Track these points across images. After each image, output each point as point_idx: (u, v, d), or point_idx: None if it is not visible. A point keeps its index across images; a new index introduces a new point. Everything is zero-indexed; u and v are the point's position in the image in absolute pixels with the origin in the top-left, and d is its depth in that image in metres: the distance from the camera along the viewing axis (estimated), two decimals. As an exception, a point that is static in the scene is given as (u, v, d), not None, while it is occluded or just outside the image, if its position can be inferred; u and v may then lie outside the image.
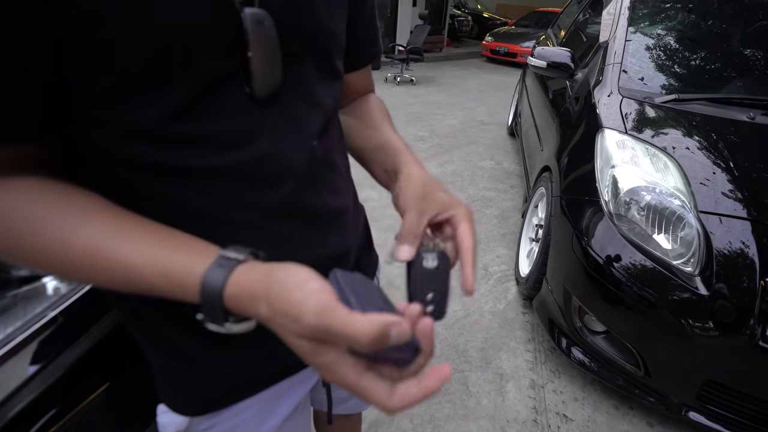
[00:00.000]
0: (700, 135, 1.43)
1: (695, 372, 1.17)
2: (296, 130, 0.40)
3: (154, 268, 0.31)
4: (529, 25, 9.26)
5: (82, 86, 0.31)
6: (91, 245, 0.31)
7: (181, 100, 0.33)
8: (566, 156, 1.70)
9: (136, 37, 0.30)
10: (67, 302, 0.49)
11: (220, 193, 0.37)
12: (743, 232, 1.15)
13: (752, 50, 1.85)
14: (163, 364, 0.46)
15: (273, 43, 0.35)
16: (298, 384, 0.53)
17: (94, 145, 0.34)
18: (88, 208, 0.33)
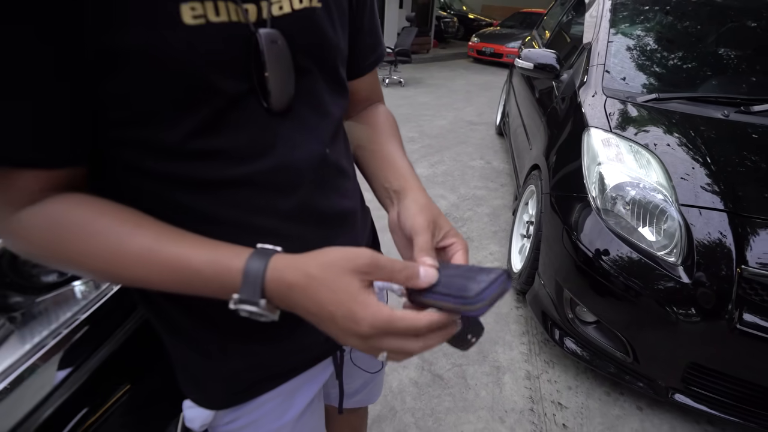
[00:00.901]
0: (679, 132, 1.51)
1: (680, 356, 1.24)
2: (309, 140, 0.44)
3: (203, 257, 0.35)
4: (514, 26, 9.40)
5: (113, 111, 0.34)
6: (145, 244, 0.35)
7: (204, 118, 0.36)
8: (554, 154, 1.76)
9: (165, 69, 0.33)
10: (94, 306, 0.52)
11: (240, 200, 0.40)
12: (721, 223, 1.23)
13: (725, 50, 1.94)
14: (189, 361, 0.49)
15: (286, 60, 0.39)
16: (314, 378, 0.57)
17: (116, 160, 0.37)
18: (129, 215, 0.36)
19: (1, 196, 0.33)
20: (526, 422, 1.41)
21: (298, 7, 0.40)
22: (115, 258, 0.34)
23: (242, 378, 0.49)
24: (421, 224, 0.42)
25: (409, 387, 1.52)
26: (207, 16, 0.33)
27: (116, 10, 0.30)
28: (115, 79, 0.32)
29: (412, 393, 1.50)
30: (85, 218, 0.35)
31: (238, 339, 0.47)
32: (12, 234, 0.35)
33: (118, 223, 0.35)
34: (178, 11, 0.32)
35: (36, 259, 0.37)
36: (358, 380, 0.73)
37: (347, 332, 0.33)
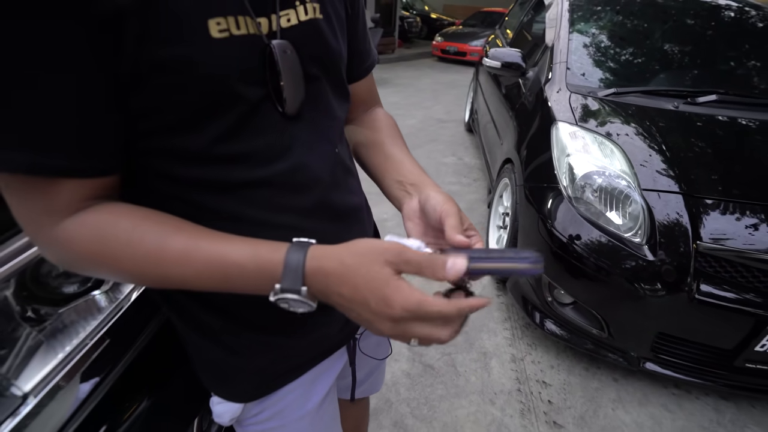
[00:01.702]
0: (636, 123, 1.64)
1: (649, 328, 1.36)
2: (321, 141, 0.47)
3: (243, 252, 0.37)
4: (476, 25, 9.64)
5: (146, 121, 0.36)
6: (185, 244, 0.37)
7: (228, 124, 0.39)
8: (525, 148, 1.86)
9: (196, 79, 0.36)
10: (116, 316, 0.53)
11: (262, 200, 0.43)
12: (677, 204, 1.35)
13: (669, 47, 2.12)
14: (216, 358, 0.51)
15: (296, 68, 0.42)
16: (330, 367, 0.60)
17: (145, 167, 0.39)
18: (167, 219, 0.39)
19: (46, 206, 0.35)
20: (515, 402, 1.50)
21: (303, 19, 0.43)
22: (158, 259, 0.36)
23: (268, 370, 0.52)
24: (452, 209, 0.46)
25: (402, 379, 1.57)
26: (230, 29, 0.37)
27: (153, 29, 0.33)
28: (152, 90, 0.35)
29: (406, 384, 1.55)
30: (127, 225, 0.37)
31: (264, 333, 0.50)
32: (55, 243, 0.36)
33: (158, 227, 0.38)
34: (206, 26, 0.35)
35: (76, 266, 0.38)
36: (363, 369, 0.76)
37: (380, 315, 0.36)
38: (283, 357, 0.52)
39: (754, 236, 1.26)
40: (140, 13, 0.32)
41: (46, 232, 0.35)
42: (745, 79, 2.00)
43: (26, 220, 0.36)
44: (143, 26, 0.32)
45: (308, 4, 0.44)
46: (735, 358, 1.30)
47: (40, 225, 0.35)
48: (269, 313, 0.46)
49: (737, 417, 1.48)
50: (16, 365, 0.42)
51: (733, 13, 2.26)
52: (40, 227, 0.35)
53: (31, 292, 0.47)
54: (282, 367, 0.53)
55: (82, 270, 0.40)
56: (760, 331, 1.22)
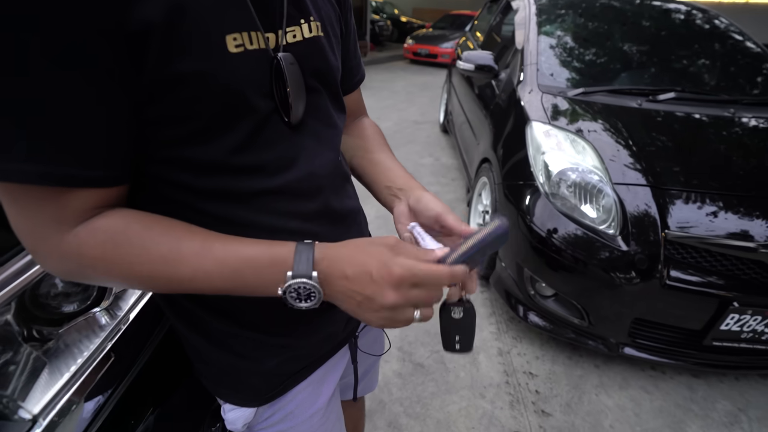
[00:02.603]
0: (604, 120, 1.73)
1: (625, 314, 1.43)
2: (324, 150, 0.50)
3: (255, 247, 0.39)
4: (446, 27, 9.82)
5: (166, 131, 0.38)
6: (198, 245, 0.38)
7: (241, 136, 0.41)
8: (501, 148, 1.92)
9: (215, 91, 0.38)
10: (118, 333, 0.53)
11: (272, 207, 0.45)
12: (645, 196, 1.43)
13: (629, 47, 2.24)
14: (227, 364, 0.52)
15: (299, 80, 0.44)
16: (335, 366, 0.62)
17: (157, 176, 0.40)
18: (177, 223, 0.40)
19: (56, 215, 0.34)
20: (504, 394, 1.55)
21: (308, 36, 0.46)
22: (172, 261, 0.37)
23: (279, 372, 0.53)
24: (445, 208, 0.50)
25: (393, 379, 1.59)
26: (245, 44, 0.39)
27: (175, 44, 0.34)
28: (170, 102, 0.36)
29: (397, 384, 1.57)
30: (140, 229, 0.37)
31: (273, 335, 0.51)
32: (62, 253, 0.36)
33: (170, 230, 0.38)
34: (224, 42, 0.37)
35: (84, 274, 0.38)
36: (361, 368, 0.78)
37: (382, 285, 0.38)
38: (292, 358, 0.53)
39: (714, 223, 1.36)
40: (166, 31, 0.33)
41: (53, 242, 0.35)
42: (697, 78, 2.15)
43: (31, 232, 0.35)
44: (167, 42, 0.33)
45: (312, 23, 0.46)
46: (704, 338, 1.39)
47: (47, 235, 0.35)
48: (276, 314, 0.48)
49: (708, 393, 1.58)
50: (21, 387, 0.42)
51: (682, 16, 2.42)
52: (46, 238, 0.35)
53: (30, 313, 0.47)
54: (292, 368, 0.54)
55: (90, 278, 0.40)
56: (724, 311, 1.31)
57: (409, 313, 0.40)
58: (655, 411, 1.50)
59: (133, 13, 0.31)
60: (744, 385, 1.63)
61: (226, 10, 0.37)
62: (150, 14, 0.32)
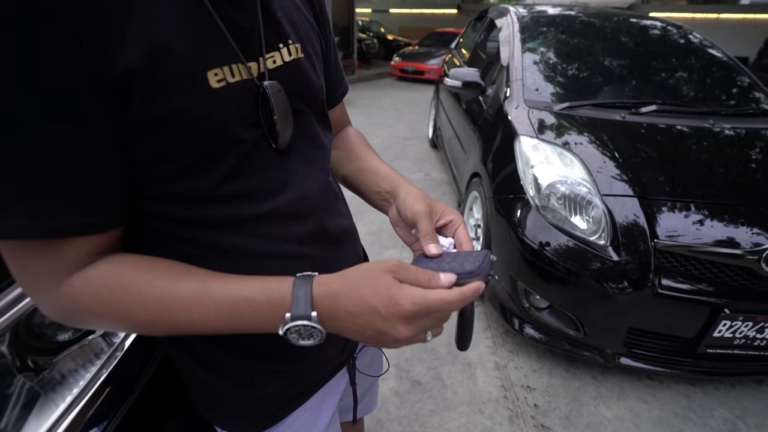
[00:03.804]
0: (590, 133, 1.77)
1: (620, 324, 1.44)
2: (313, 172, 0.50)
3: (252, 286, 0.38)
4: (431, 45, 10.04)
5: (155, 169, 0.38)
6: (194, 287, 0.38)
7: (229, 166, 0.41)
8: (491, 162, 1.95)
9: (200, 127, 0.38)
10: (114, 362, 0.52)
11: (265, 232, 0.45)
12: (633, 206, 1.46)
13: (611, 62, 2.32)
14: (225, 392, 0.51)
15: (286, 106, 0.45)
16: (333, 389, 0.61)
17: (147, 211, 0.40)
18: (173, 266, 0.39)
19: (53, 266, 0.34)
20: (503, 409, 1.53)
21: (288, 60, 0.46)
22: (168, 305, 0.37)
23: (277, 398, 0.52)
24: (419, 210, 0.51)
25: (391, 397, 1.56)
26: (227, 78, 0.39)
27: (159, 85, 0.34)
28: (157, 140, 0.36)
29: (395, 402, 1.54)
30: (135, 275, 0.37)
31: (271, 361, 0.50)
32: (60, 301, 0.35)
33: (165, 274, 0.38)
34: (206, 78, 0.37)
35: (82, 320, 0.37)
36: (360, 389, 0.77)
37: (392, 320, 0.37)
38: (290, 383, 0.53)
39: (701, 231, 1.39)
40: (148, 73, 0.33)
41: (51, 291, 0.35)
42: (677, 90, 2.23)
43: (29, 282, 0.35)
44: (150, 84, 0.34)
45: (291, 46, 0.47)
46: (697, 346, 1.41)
47: (45, 286, 0.35)
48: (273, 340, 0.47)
49: (705, 401, 1.59)
50: (14, 420, 0.40)
51: (658, 32, 2.52)
52: (45, 288, 0.35)
53: (25, 342, 0.45)
54: (290, 393, 0.53)
55: (88, 324, 0.39)
56: (716, 318, 1.33)
57: (422, 337, 0.40)
58: (654, 421, 1.50)
59: (115, 59, 0.32)
60: (740, 392, 1.64)
61: (206, 46, 0.37)
62: (132, 59, 0.32)
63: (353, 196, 0.67)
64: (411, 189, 0.56)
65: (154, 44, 0.33)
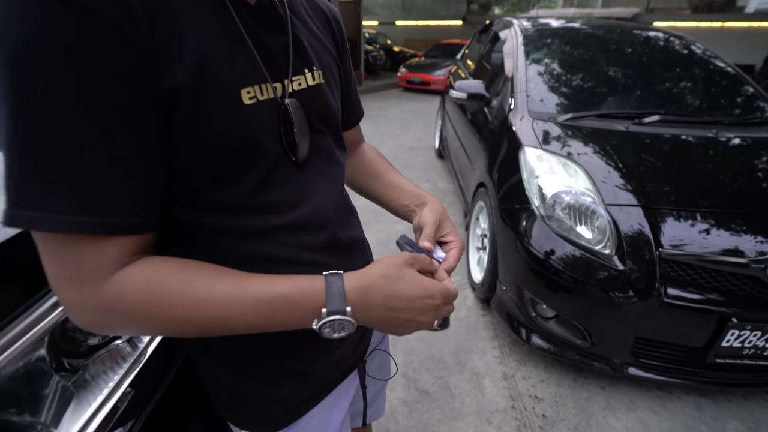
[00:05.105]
0: (593, 143, 1.80)
1: (627, 333, 1.45)
2: (330, 186, 0.55)
3: (286, 284, 0.42)
4: (437, 56, 10.17)
5: (186, 181, 0.41)
6: (230, 286, 0.40)
7: (257, 178, 0.45)
8: (496, 172, 1.98)
9: (235, 141, 0.42)
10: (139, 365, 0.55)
11: (286, 241, 0.49)
12: (638, 216, 1.48)
13: (614, 73, 2.35)
14: (244, 391, 0.54)
15: (304, 122, 0.49)
16: (345, 391, 0.64)
17: (180, 218, 0.44)
18: (207, 266, 0.42)
19: (97, 263, 0.36)
20: (511, 419, 1.53)
21: (311, 84, 0.51)
22: (206, 302, 0.39)
23: (294, 397, 0.55)
24: (428, 221, 0.59)
25: (399, 407, 1.57)
26: (257, 96, 0.43)
27: (200, 101, 0.38)
28: (194, 151, 0.40)
29: (403, 412, 1.55)
30: (173, 273, 0.40)
31: (289, 360, 0.54)
32: (103, 300, 0.37)
33: (202, 272, 0.41)
34: (239, 96, 0.42)
35: (119, 322, 0.39)
36: (369, 393, 0.80)
37: (426, 307, 0.46)
38: (306, 383, 0.56)
39: (707, 240, 1.40)
40: (193, 88, 0.37)
41: (90, 290, 0.36)
42: (680, 100, 2.24)
43: (68, 281, 0.36)
44: (193, 98, 0.38)
45: (315, 72, 0.52)
46: (706, 356, 1.40)
47: (85, 283, 0.36)
48: (291, 339, 0.51)
49: (717, 413, 1.57)
50: (52, 417, 0.43)
51: (661, 42, 2.55)
52: (84, 286, 0.36)
53: (59, 346, 0.49)
54: (305, 393, 0.56)
55: (120, 325, 0.40)
56: (723, 327, 1.33)
57: (432, 324, 0.49)
58: (664, 432, 1.49)
59: (166, 75, 0.36)
60: (752, 404, 1.62)
61: (240, 67, 0.42)
62: (181, 75, 0.36)
63: (362, 207, 0.72)
64: (434, 205, 0.63)
65: (199, 63, 0.38)
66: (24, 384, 0.44)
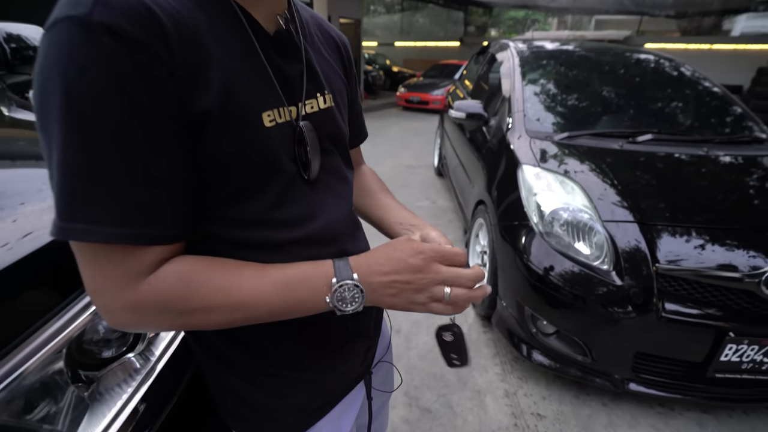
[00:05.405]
0: (589, 161, 1.84)
1: (627, 348, 1.45)
2: (340, 203, 0.58)
3: (302, 266, 0.46)
4: (435, 76, 10.39)
5: (217, 192, 0.45)
6: (254, 273, 0.44)
7: (275, 195, 0.48)
8: (495, 190, 2.02)
9: (256, 159, 0.45)
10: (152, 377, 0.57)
11: (299, 254, 0.51)
12: (634, 232, 1.51)
13: (608, 93, 2.42)
14: (257, 401, 0.56)
15: (315, 143, 0.53)
16: (352, 402, 0.65)
17: (203, 232, 0.47)
18: (230, 260, 0.46)
19: (136, 269, 0.39)
20: (513, 437, 1.52)
21: (323, 107, 0.55)
22: (233, 287, 0.43)
23: (304, 407, 0.57)
24: (433, 233, 0.61)
25: (401, 426, 1.56)
26: (276, 119, 0.47)
27: (226, 122, 0.42)
28: (219, 168, 0.43)
29: (405, 431, 1.54)
30: (202, 266, 0.43)
31: (302, 371, 0.56)
32: (140, 300, 0.40)
33: (227, 264, 0.45)
34: (261, 118, 0.45)
35: (152, 321, 0.42)
36: (373, 406, 0.81)
37: (419, 268, 0.47)
38: (316, 392, 0.57)
39: (702, 255, 1.42)
40: (220, 112, 0.41)
41: (128, 293, 0.39)
42: (672, 120, 2.31)
43: (106, 287, 0.39)
44: (220, 121, 0.41)
45: (326, 95, 0.56)
46: (706, 370, 1.41)
47: (122, 287, 0.39)
48: (303, 349, 0.53)
49: (719, 429, 1.57)
50: (68, 427, 0.45)
51: (652, 64, 2.63)
52: (121, 290, 0.39)
53: (75, 358, 0.50)
54: (315, 403, 0.58)
55: (155, 322, 0.43)
56: (721, 342, 1.34)
57: (440, 291, 0.48)
58: (667, 450, 1.48)
59: (198, 99, 0.39)
60: (754, 419, 1.61)
61: (260, 92, 0.46)
62: (210, 100, 0.40)
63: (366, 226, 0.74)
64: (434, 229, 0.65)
65: (226, 89, 0.41)
66: (44, 393, 0.45)
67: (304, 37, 0.54)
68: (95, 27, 0.34)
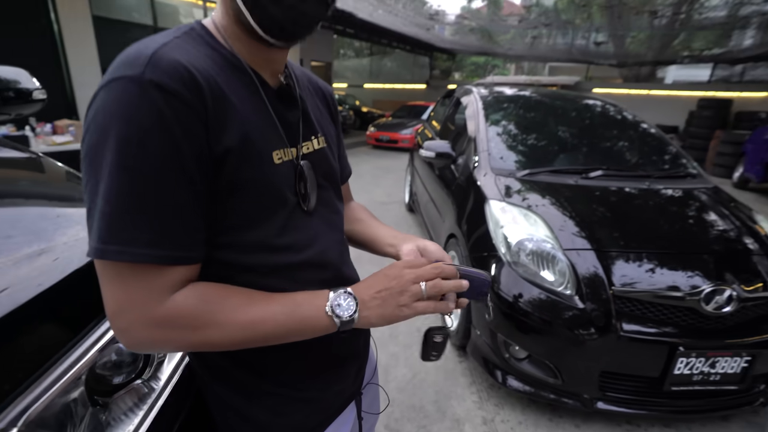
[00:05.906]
0: (549, 196, 2.02)
1: (592, 368, 1.56)
2: (333, 231, 0.66)
3: (303, 294, 0.53)
4: (404, 116, 10.87)
5: (226, 220, 0.52)
6: (264, 298, 0.51)
7: (279, 223, 0.56)
8: (465, 224, 2.15)
9: (264, 190, 0.53)
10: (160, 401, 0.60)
11: (298, 277, 0.58)
12: (592, 259, 1.66)
13: (563, 134, 2.68)
14: (260, 421, 0.60)
15: (312, 179, 0.61)
16: (344, 422, 0.70)
17: (212, 256, 0.53)
18: (241, 288, 0.52)
19: (163, 286, 0.45)
20: (493, 463, 1.55)
21: (317, 147, 0.65)
22: (246, 306, 0.49)
23: (302, 425, 0.61)
24: (442, 252, 0.68)
25: (383, 459, 1.56)
26: (282, 157, 0.56)
27: (242, 159, 0.50)
28: (234, 199, 0.51)
29: (388, 464, 1.54)
30: (218, 291, 0.49)
31: (301, 390, 0.61)
32: (164, 316, 0.45)
33: (239, 290, 0.51)
34: (271, 157, 0.54)
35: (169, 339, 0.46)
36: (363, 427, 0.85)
37: (392, 273, 0.55)
38: (312, 411, 0.62)
39: (652, 278, 1.58)
40: (238, 151, 0.49)
41: (151, 309, 0.45)
42: (618, 157, 2.58)
43: (128, 304, 0.44)
44: (238, 159, 0.49)
45: (319, 138, 0.66)
46: (663, 384, 1.52)
47: (147, 304, 0.45)
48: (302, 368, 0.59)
49: (681, 443, 1.67)
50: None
51: (599, 108, 2.96)
52: (145, 306, 0.45)
53: (89, 384, 0.53)
54: (312, 422, 0.62)
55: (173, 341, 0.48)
56: (673, 356, 1.47)
57: (417, 288, 0.54)
58: (636, 466, 1.55)
59: (221, 140, 0.48)
60: (710, 430, 1.73)
61: (268, 135, 0.55)
62: (231, 141, 0.49)
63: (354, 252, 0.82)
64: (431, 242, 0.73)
65: (242, 132, 0.50)
66: (65, 417, 0.48)
67: (299, 88, 0.64)
68: (146, 84, 0.42)
